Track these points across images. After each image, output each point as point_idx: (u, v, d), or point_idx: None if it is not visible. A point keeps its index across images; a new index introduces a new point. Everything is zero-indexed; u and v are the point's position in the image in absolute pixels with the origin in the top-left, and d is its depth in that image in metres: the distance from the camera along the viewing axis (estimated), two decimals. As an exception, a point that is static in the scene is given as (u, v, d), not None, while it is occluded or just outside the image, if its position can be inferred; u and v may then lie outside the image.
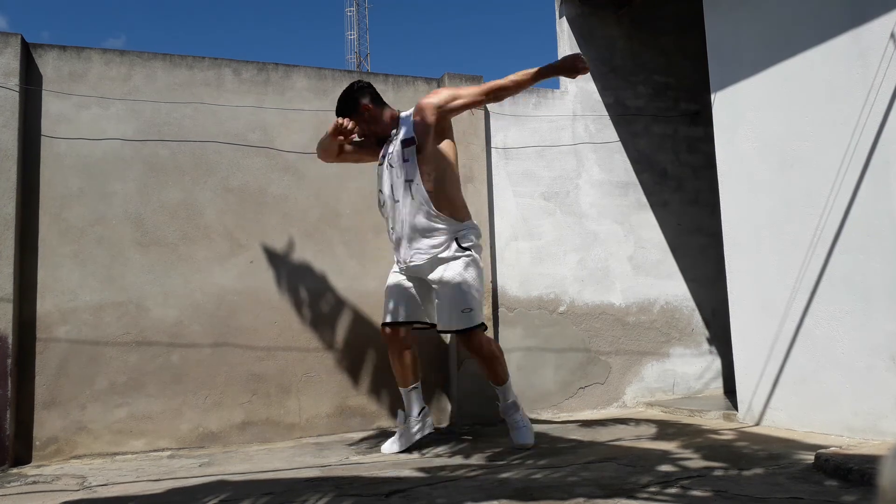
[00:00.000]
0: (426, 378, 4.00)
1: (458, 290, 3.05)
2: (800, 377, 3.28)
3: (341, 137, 3.17)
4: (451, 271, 3.06)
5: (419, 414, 3.23)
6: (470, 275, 3.08)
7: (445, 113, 3.12)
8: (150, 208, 3.61)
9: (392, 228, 3.19)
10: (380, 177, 3.24)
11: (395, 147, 3.15)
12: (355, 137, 3.23)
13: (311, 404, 3.76)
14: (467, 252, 3.10)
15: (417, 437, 3.21)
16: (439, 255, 3.08)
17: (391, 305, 3.21)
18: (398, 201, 3.10)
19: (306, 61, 20.40)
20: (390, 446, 3.20)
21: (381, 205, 3.25)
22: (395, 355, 3.22)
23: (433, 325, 3.27)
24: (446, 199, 3.11)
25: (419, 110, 3.11)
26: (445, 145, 3.17)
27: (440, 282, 3.08)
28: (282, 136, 3.89)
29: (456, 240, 3.08)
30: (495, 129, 4.33)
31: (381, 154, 3.25)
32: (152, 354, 3.52)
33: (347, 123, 3.12)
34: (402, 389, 3.28)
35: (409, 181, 3.05)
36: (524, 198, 4.35)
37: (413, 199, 3.06)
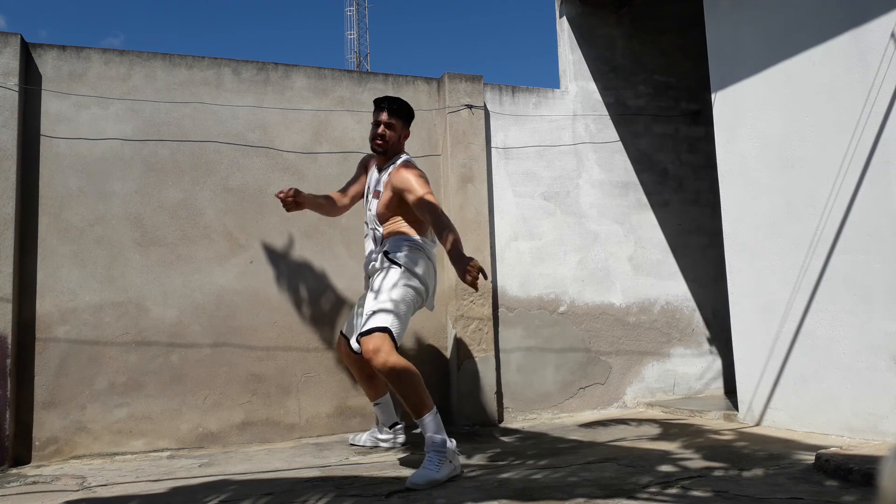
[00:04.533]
0: (427, 379, 3.99)
1: (377, 293, 2.92)
2: (800, 377, 3.28)
3: (293, 202, 3.07)
4: (378, 278, 2.99)
5: (391, 427, 3.36)
6: (396, 281, 2.93)
7: (407, 198, 3.01)
8: (150, 208, 3.61)
9: (366, 235, 3.22)
10: (365, 202, 3.27)
11: (381, 178, 3.13)
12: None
13: (310, 404, 3.76)
14: (396, 264, 2.97)
15: (384, 445, 3.36)
16: (374, 265, 3.06)
17: (349, 317, 3.32)
18: (371, 232, 3.15)
19: (306, 61, 20.42)
20: (355, 437, 3.49)
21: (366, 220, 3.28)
22: (353, 370, 3.31)
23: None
24: (398, 222, 3.06)
25: (395, 176, 3.02)
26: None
27: (372, 285, 3.02)
28: (281, 136, 3.89)
29: (385, 252, 3.00)
30: (495, 128, 4.33)
31: (370, 174, 3.27)
32: (152, 354, 3.52)
33: (289, 199, 3.05)
34: (372, 405, 3.39)
35: (377, 216, 3.08)
36: (524, 198, 4.35)
37: (381, 231, 3.08)
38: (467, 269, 2.52)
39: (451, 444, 2.66)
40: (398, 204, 3.02)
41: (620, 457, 2.87)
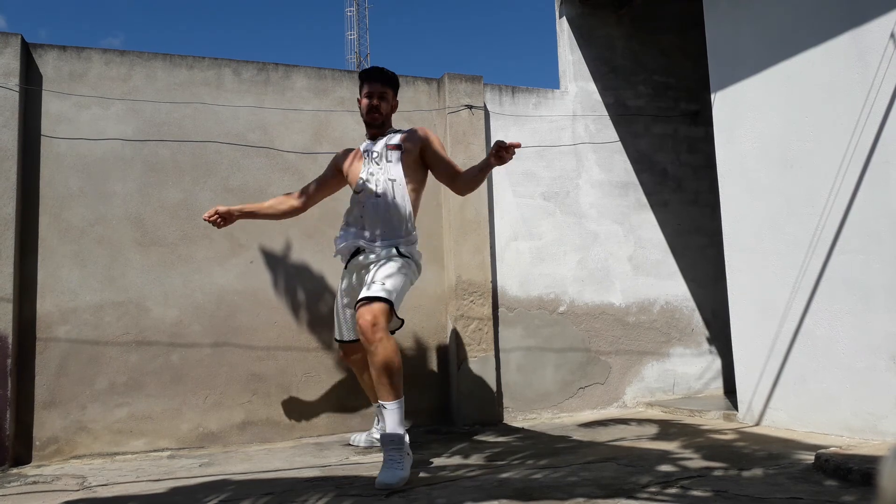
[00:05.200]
0: (427, 379, 4.01)
1: (383, 270, 2.88)
2: (800, 377, 3.28)
3: (221, 221, 3.12)
4: (387, 263, 2.93)
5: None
6: (400, 268, 2.91)
7: (431, 151, 3.10)
8: (151, 208, 3.61)
9: (360, 216, 3.05)
10: (361, 167, 3.13)
11: (379, 147, 3.09)
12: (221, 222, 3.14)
13: (311, 404, 3.76)
14: (405, 258, 2.97)
15: (379, 445, 3.28)
16: (382, 253, 2.97)
17: (337, 322, 3.27)
18: (379, 196, 3.00)
19: (306, 61, 20.42)
20: (356, 437, 3.47)
21: (358, 190, 3.11)
22: (358, 372, 3.33)
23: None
24: (405, 203, 3.03)
25: (416, 130, 3.15)
26: (422, 174, 3.16)
27: (374, 267, 2.95)
28: (282, 136, 3.89)
29: (397, 247, 2.97)
30: (495, 128, 4.33)
31: (361, 150, 3.18)
32: (152, 354, 3.52)
33: (216, 220, 3.10)
34: (374, 406, 3.38)
35: (391, 180, 3.00)
36: (524, 198, 4.35)
37: (395, 195, 2.99)
38: (498, 152, 2.70)
39: (407, 438, 2.68)
40: (415, 168, 3.05)
41: (620, 456, 2.88)
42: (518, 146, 2.71)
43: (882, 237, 2.94)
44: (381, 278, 2.83)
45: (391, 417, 2.66)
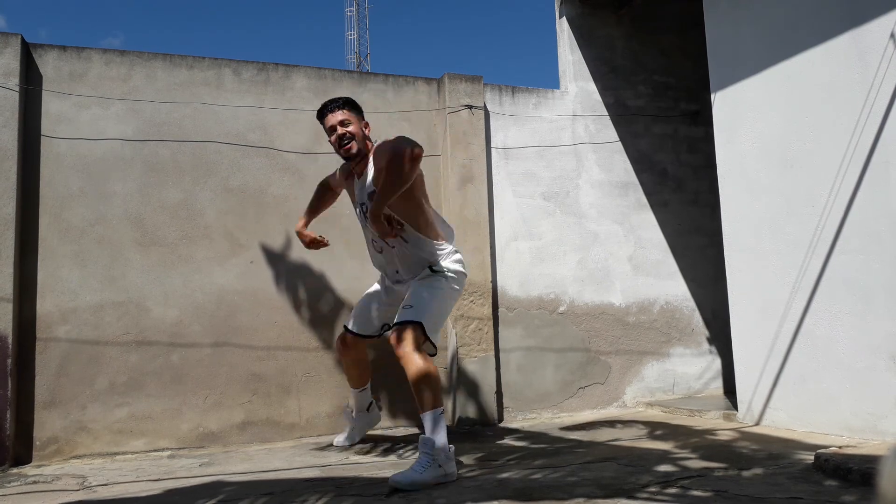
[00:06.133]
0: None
1: (414, 292, 2.90)
2: (799, 377, 3.29)
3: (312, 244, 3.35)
4: (420, 282, 2.95)
5: (367, 409, 3.44)
6: (432, 287, 2.91)
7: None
8: (151, 208, 3.62)
9: (383, 264, 3.13)
10: (359, 218, 3.12)
11: (363, 197, 2.98)
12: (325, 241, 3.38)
13: (311, 404, 3.76)
14: (439, 273, 2.95)
15: (367, 430, 3.48)
16: (418, 277, 2.98)
17: (355, 312, 3.33)
18: (384, 247, 2.99)
19: (306, 61, 20.38)
20: (340, 440, 3.43)
21: (369, 243, 3.14)
22: (345, 358, 3.36)
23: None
24: (424, 225, 2.96)
25: (381, 156, 2.84)
26: (408, 193, 2.85)
27: (409, 288, 2.97)
28: (282, 137, 3.89)
29: (430, 265, 2.96)
30: (495, 129, 4.33)
31: (354, 193, 3.12)
32: (152, 354, 3.52)
33: (324, 239, 3.35)
34: (353, 391, 3.42)
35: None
36: (524, 198, 4.35)
37: (404, 242, 2.93)
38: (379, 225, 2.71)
39: (449, 449, 2.60)
40: (402, 200, 2.81)
41: (620, 456, 2.88)
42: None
43: (882, 237, 2.94)
44: (411, 301, 2.87)
45: (427, 424, 2.65)
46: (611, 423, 3.84)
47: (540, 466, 2.76)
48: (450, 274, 2.97)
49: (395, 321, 2.86)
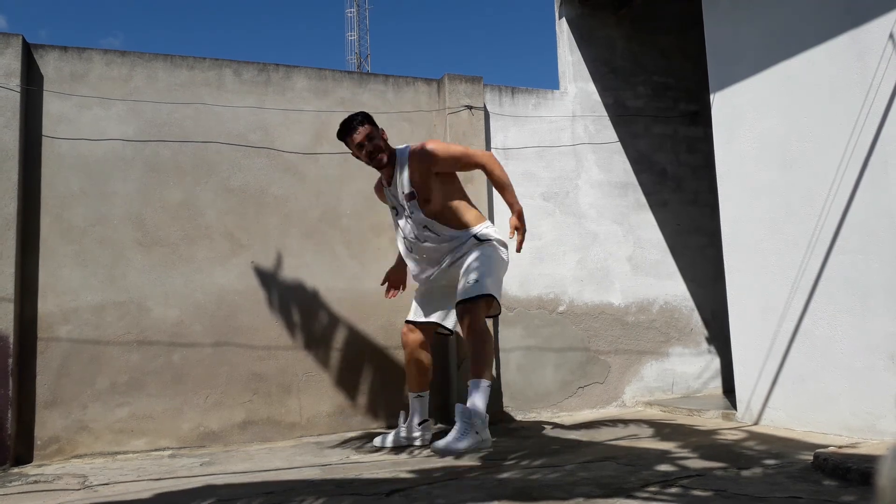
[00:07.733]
0: (426, 378, 4.01)
1: (470, 265, 3.10)
2: (798, 377, 3.29)
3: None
4: (470, 256, 3.14)
5: (420, 424, 3.31)
6: (484, 255, 3.13)
7: (442, 167, 3.18)
8: (151, 208, 3.62)
9: (417, 259, 3.28)
10: (394, 219, 3.32)
11: (400, 198, 3.20)
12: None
13: (311, 403, 3.77)
14: (485, 243, 3.18)
15: (418, 444, 3.28)
16: (458, 255, 3.18)
17: (413, 306, 3.39)
18: (423, 242, 3.20)
19: (307, 62, 20.36)
20: (381, 440, 3.33)
21: (403, 240, 3.31)
22: (409, 356, 3.34)
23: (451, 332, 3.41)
24: (454, 216, 3.20)
25: (415, 157, 3.16)
26: (443, 177, 3.21)
27: (461, 265, 3.15)
28: (282, 137, 3.90)
29: (475, 236, 3.18)
30: (495, 129, 4.34)
31: (387, 199, 3.34)
32: (153, 354, 3.53)
33: (396, 294, 3.51)
34: (410, 394, 3.35)
35: (424, 226, 3.17)
36: (524, 198, 4.34)
37: (437, 236, 3.18)
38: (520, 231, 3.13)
39: (486, 417, 2.86)
40: (440, 187, 3.14)
41: (619, 456, 2.88)
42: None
43: (881, 237, 2.94)
44: (467, 275, 3.05)
45: (480, 393, 2.94)
46: (610, 423, 3.85)
47: (540, 466, 2.76)
48: (495, 242, 3.19)
49: (458, 298, 3.04)
